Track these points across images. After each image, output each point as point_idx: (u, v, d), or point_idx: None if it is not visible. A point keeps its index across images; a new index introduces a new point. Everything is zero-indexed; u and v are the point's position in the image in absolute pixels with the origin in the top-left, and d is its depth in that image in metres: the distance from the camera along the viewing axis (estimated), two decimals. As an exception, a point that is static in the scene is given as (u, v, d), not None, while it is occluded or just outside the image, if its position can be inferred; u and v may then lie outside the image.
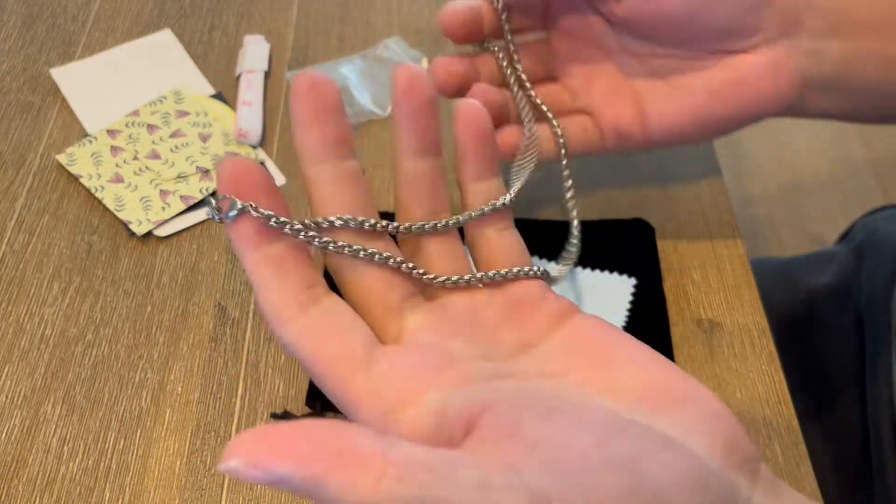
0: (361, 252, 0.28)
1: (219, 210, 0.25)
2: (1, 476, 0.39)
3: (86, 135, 0.52)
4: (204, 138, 0.51)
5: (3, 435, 0.40)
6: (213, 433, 0.40)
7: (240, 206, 0.25)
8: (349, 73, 0.55)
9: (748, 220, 1.30)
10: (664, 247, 0.47)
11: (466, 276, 0.29)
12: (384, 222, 0.28)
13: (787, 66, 0.36)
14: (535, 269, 0.30)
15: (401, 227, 0.29)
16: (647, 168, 0.51)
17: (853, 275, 0.58)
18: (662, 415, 0.25)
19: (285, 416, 0.40)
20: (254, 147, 0.51)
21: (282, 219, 0.26)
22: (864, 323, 0.55)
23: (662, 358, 0.27)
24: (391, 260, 0.28)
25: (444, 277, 0.29)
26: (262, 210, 0.26)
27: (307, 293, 0.26)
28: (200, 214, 0.48)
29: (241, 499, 0.38)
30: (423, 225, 0.29)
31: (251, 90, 0.53)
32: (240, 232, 0.26)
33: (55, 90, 0.54)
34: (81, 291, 0.45)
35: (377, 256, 0.28)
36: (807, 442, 0.40)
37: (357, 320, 0.27)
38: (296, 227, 0.27)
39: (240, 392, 0.42)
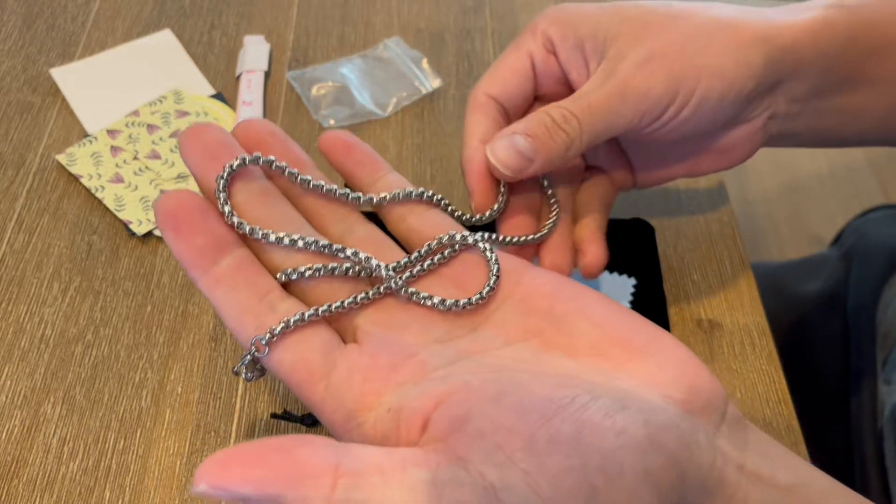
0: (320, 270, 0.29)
1: None
2: (1, 476, 0.39)
3: (86, 135, 0.52)
4: (204, 138, 0.51)
5: (4, 435, 0.40)
6: (213, 433, 0.40)
7: None
8: (349, 73, 0.55)
9: (748, 220, 1.30)
10: (664, 247, 0.47)
11: (403, 260, 0.30)
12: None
13: (764, 131, 0.37)
14: (466, 235, 0.30)
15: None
16: (647, 168, 0.51)
17: (842, 280, 0.58)
18: (622, 368, 0.26)
19: (285, 416, 0.40)
20: (254, 147, 0.51)
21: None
22: (850, 331, 0.55)
23: (622, 310, 0.28)
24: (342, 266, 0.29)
25: (384, 265, 0.29)
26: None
27: (263, 303, 0.27)
28: (200, 214, 0.48)
29: (241, 499, 0.38)
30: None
31: (251, 90, 0.53)
32: (185, 258, 0.27)
33: (55, 90, 0.54)
34: (81, 291, 0.45)
35: (324, 271, 0.29)
36: None
37: (313, 327, 0.28)
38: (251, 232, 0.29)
39: (240, 392, 0.42)
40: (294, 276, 0.28)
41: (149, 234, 0.47)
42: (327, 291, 0.29)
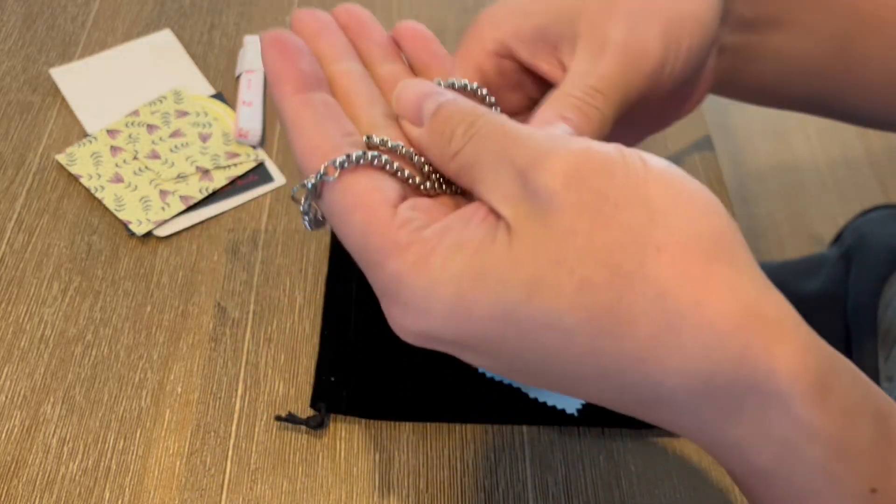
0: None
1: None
2: (1, 476, 0.39)
3: (86, 135, 0.51)
4: (204, 138, 0.51)
5: (3, 435, 0.40)
6: (212, 433, 0.40)
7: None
8: (349, 72, 0.55)
9: (748, 220, 1.30)
10: (664, 247, 0.47)
11: None
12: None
13: (713, 72, 0.37)
14: None
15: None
16: (647, 168, 0.51)
17: (841, 280, 0.58)
18: None
19: (289, 418, 0.40)
20: (254, 147, 0.51)
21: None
22: (850, 329, 0.55)
23: None
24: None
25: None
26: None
27: (345, 140, 0.26)
28: (200, 214, 0.48)
29: (240, 499, 0.38)
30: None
31: (251, 90, 0.53)
32: (282, 74, 0.27)
33: (55, 90, 0.54)
34: (81, 291, 0.45)
35: (405, 151, 0.27)
36: None
37: (387, 173, 0.26)
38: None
39: (240, 392, 0.42)
40: (377, 141, 0.27)
41: (148, 234, 0.47)
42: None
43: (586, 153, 0.23)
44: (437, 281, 0.23)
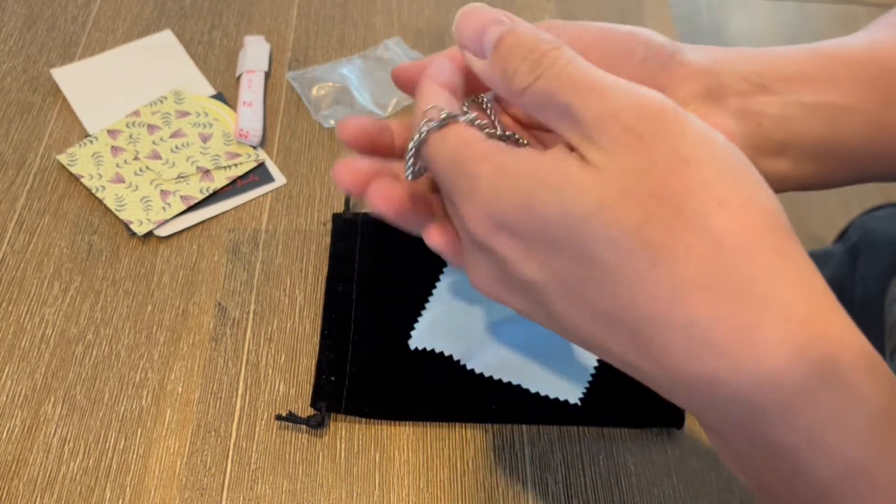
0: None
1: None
2: (2, 476, 0.39)
3: (86, 135, 0.52)
4: (204, 138, 0.51)
5: (4, 434, 0.40)
6: (213, 433, 0.40)
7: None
8: (349, 73, 0.55)
9: (748, 220, 1.30)
10: (664, 247, 0.47)
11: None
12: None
13: (722, 127, 0.32)
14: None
15: None
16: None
17: (848, 275, 0.59)
18: None
19: (290, 417, 0.40)
20: (254, 147, 0.51)
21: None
22: (857, 322, 0.56)
23: None
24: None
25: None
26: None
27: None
28: (201, 214, 0.48)
29: (241, 498, 0.38)
30: None
31: (251, 90, 0.53)
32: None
33: (56, 90, 0.54)
34: (82, 291, 0.45)
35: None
36: None
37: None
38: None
39: (240, 392, 0.42)
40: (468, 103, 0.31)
41: (149, 234, 0.47)
42: None
43: (662, 110, 0.24)
44: (512, 178, 0.25)
